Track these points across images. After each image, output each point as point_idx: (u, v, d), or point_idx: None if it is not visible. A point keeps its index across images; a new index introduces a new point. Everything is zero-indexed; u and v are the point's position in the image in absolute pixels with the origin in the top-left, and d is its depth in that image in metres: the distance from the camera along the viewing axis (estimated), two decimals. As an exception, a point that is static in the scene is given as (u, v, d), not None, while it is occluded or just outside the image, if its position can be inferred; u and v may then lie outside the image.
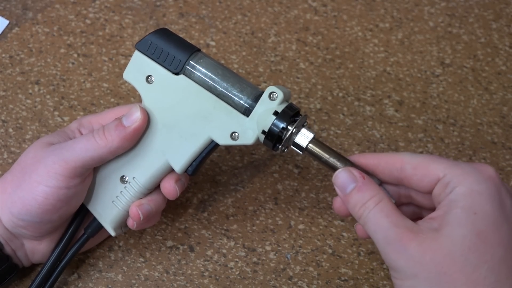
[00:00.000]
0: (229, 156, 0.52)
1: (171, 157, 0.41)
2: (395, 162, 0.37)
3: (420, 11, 0.60)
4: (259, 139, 0.40)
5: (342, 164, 0.39)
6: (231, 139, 0.40)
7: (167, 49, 0.41)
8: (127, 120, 0.40)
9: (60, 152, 0.40)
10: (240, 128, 0.40)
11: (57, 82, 0.55)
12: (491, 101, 0.56)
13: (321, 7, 0.60)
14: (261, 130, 0.39)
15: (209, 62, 0.41)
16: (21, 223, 0.40)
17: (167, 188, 0.42)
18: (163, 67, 0.41)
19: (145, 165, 0.42)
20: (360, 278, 0.48)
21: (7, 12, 0.58)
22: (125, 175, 0.42)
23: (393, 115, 0.54)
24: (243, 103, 0.40)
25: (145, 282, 0.47)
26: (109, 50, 0.57)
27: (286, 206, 0.50)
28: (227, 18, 0.59)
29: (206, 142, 0.41)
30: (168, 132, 0.41)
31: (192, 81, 0.41)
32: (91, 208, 0.43)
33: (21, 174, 0.41)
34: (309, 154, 0.40)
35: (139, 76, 0.42)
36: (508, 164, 0.53)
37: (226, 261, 0.48)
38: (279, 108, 0.39)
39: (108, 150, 0.40)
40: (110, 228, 0.43)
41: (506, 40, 0.59)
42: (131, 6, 0.59)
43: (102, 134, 0.40)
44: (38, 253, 0.43)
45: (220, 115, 0.40)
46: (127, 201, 0.42)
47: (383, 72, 0.57)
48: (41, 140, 0.42)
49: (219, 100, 0.40)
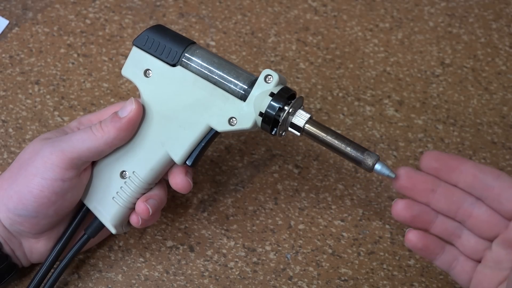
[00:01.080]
0: (229, 156, 0.52)
1: (170, 148, 0.41)
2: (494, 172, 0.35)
3: (420, 11, 0.60)
4: (256, 123, 0.40)
5: (340, 143, 0.39)
6: (229, 124, 0.40)
7: (164, 42, 0.42)
8: (122, 112, 0.41)
9: (58, 144, 0.40)
10: (238, 112, 0.40)
11: (57, 82, 0.55)
12: (491, 101, 0.56)
13: (321, 7, 0.60)
14: (258, 112, 0.39)
15: (205, 52, 0.42)
16: (18, 219, 0.40)
17: (179, 183, 0.42)
18: (160, 60, 0.42)
19: (145, 158, 0.42)
20: (360, 278, 0.48)
21: (7, 12, 0.58)
22: (124, 170, 0.42)
23: (393, 115, 0.54)
24: (239, 89, 0.40)
25: (145, 282, 0.47)
26: (109, 50, 0.57)
27: (286, 206, 0.50)
28: (227, 18, 0.59)
29: (205, 130, 0.41)
30: (166, 123, 0.41)
31: (189, 71, 0.41)
32: (91, 206, 0.43)
33: (18, 169, 0.41)
34: (307, 135, 0.40)
35: (137, 71, 0.42)
36: (508, 164, 0.53)
37: (226, 261, 0.48)
38: (275, 90, 0.39)
39: (104, 141, 0.40)
40: (110, 226, 0.43)
41: (506, 40, 0.59)
42: (131, 6, 0.59)
43: (99, 126, 0.40)
44: (36, 252, 0.43)
45: (218, 102, 0.40)
46: (127, 197, 0.42)
47: (383, 72, 0.57)
48: (39, 137, 0.42)
49: (216, 88, 0.41)
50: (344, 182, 0.51)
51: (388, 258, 0.48)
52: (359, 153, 0.39)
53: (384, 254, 0.48)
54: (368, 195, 0.51)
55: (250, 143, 0.53)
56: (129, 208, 0.43)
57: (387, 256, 0.48)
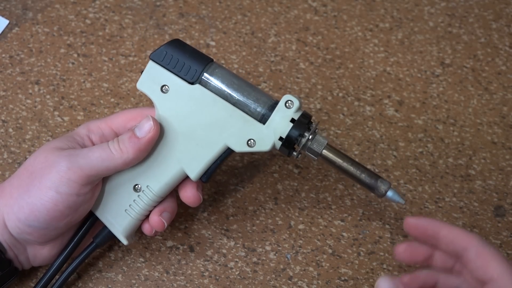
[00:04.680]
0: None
1: (186, 165, 0.41)
2: (463, 240, 0.37)
3: (420, 11, 0.60)
4: (275, 146, 0.41)
5: (355, 169, 0.41)
6: (247, 146, 0.41)
7: (183, 59, 0.42)
8: (140, 131, 0.40)
9: (75, 159, 0.40)
10: (257, 135, 0.41)
11: (57, 82, 0.55)
12: (491, 101, 0.56)
13: (321, 7, 0.60)
14: (278, 136, 0.40)
15: (225, 71, 0.42)
16: (27, 230, 0.40)
17: (191, 198, 0.43)
18: (179, 77, 0.42)
19: (160, 174, 0.42)
20: (360, 278, 0.48)
21: (7, 12, 0.58)
22: (138, 184, 0.42)
23: (393, 115, 0.54)
24: (259, 112, 0.41)
25: (145, 282, 0.47)
26: (109, 50, 0.57)
27: (286, 206, 0.50)
28: (227, 18, 0.59)
29: (222, 149, 0.41)
30: (183, 141, 0.41)
31: (208, 90, 0.41)
32: (102, 217, 0.43)
33: (30, 179, 0.40)
34: (323, 159, 0.42)
35: (153, 86, 0.42)
36: (508, 164, 0.53)
37: (226, 261, 0.48)
38: (295, 116, 0.40)
39: (123, 161, 0.40)
40: (122, 238, 0.43)
41: (506, 40, 0.59)
42: (131, 6, 0.59)
43: (117, 146, 0.40)
44: (40, 257, 0.43)
45: (237, 123, 0.41)
46: (140, 210, 0.42)
47: (383, 72, 0.57)
48: (49, 145, 0.41)
49: (235, 109, 0.41)
50: (344, 182, 0.51)
51: (388, 258, 0.48)
52: (373, 180, 0.41)
53: (384, 254, 0.48)
54: (368, 195, 0.51)
55: (250, 143, 0.53)
56: (141, 220, 0.43)
57: (387, 256, 0.48)
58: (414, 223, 0.39)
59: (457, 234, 0.38)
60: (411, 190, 0.51)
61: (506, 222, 0.50)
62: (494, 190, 0.51)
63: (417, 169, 0.52)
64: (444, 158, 0.53)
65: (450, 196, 0.51)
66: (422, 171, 0.52)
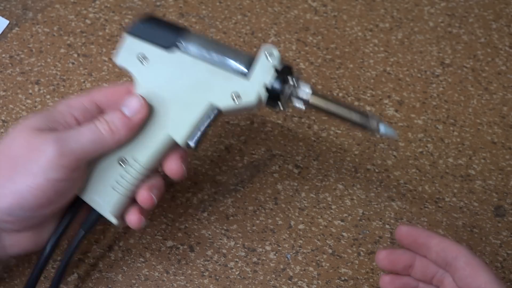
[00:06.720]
0: (229, 156, 0.52)
1: (172, 130, 0.41)
2: (453, 250, 0.39)
3: (420, 11, 0.60)
4: (261, 98, 0.40)
5: (345, 110, 0.40)
6: (232, 100, 0.40)
7: (159, 29, 0.42)
8: (129, 110, 0.40)
9: (65, 143, 0.37)
10: (241, 88, 0.40)
11: (57, 82, 0.55)
12: (491, 101, 0.56)
13: (321, 7, 0.60)
14: (263, 86, 0.40)
15: (202, 36, 0.42)
16: (8, 218, 0.38)
17: (174, 169, 0.42)
18: (157, 46, 0.42)
19: (146, 144, 0.41)
20: (360, 278, 0.48)
21: (7, 12, 0.58)
22: (124, 157, 0.41)
23: (393, 115, 0.54)
24: (241, 67, 0.41)
25: (145, 282, 0.47)
26: (109, 50, 0.57)
27: (286, 206, 0.50)
28: (227, 18, 0.59)
29: (207, 108, 0.41)
30: (168, 107, 0.41)
31: (187, 55, 0.41)
32: (88, 199, 0.41)
33: (12, 165, 0.37)
34: (311, 107, 0.41)
35: (132, 59, 0.42)
36: (508, 164, 0.53)
37: (226, 261, 0.48)
38: (278, 66, 0.40)
39: (116, 142, 0.39)
40: (111, 216, 0.41)
41: (506, 40, 0.59)
42: (131, 6, 0.59)
43: (107, 127, 0.39)
44: (18, 246, 0.40)
45: (219, 81, 0.41)
46: (127, 184, 0.41)
47: (383, 72, 0.57)
48: (26, 125, 0.38)
49: (216, 68, 0.41)
50: (344, 182, 0.51)
51: (388, 258, 0.48)
52: (365, 118, 0.40)
53: (384, 254, 0.48)
54: (368, 195, 0.51)
55: (250, 143, 0.53)
56: (129, 196, 0.42)
57: (387, 256, 0.48)
58: (405, 232, 0.41)
59: (448, 244, 0.40)
60: (411, 190, 0.51)
61: (506, 222, 0.50)
62: (494, 190, 0.51)
63: (417, 169, 0.52)
64: (444, 158, 0.53)
65: (450, 196, 0.51)
66: (422, 171, 0.52)
